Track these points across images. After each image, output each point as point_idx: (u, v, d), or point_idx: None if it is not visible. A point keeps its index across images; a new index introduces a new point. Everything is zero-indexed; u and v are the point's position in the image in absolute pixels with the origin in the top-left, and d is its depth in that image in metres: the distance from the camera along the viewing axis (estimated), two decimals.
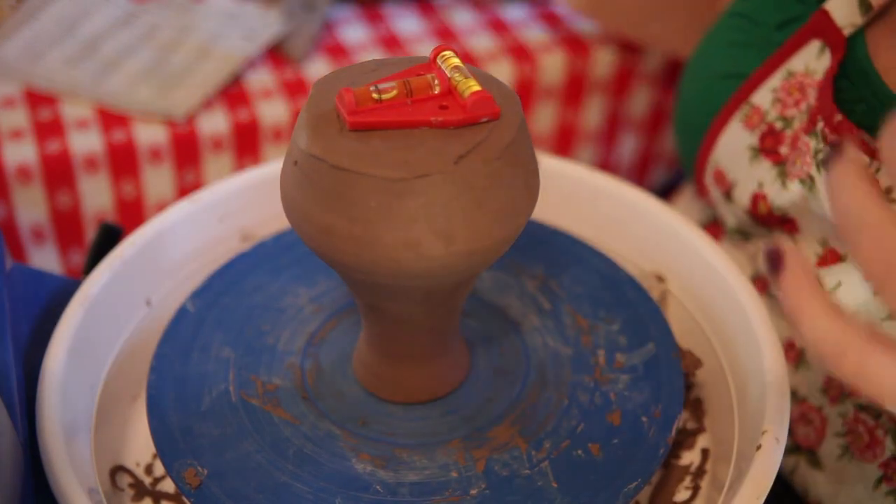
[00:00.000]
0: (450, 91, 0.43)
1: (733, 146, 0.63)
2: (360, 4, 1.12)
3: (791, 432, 0.60)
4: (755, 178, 0.61)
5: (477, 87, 0.42)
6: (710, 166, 0.65)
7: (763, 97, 0.61)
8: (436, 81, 0.43)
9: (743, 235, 0.66)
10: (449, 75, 0.43)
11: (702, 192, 0.69)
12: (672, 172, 1.23)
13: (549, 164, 0.64)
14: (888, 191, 0.52)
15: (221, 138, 0.94)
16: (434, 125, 0.42)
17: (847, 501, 0.58)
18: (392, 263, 0.42)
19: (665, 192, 1.21)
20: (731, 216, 0.65)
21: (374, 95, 0.42)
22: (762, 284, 0.64)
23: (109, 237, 0.61)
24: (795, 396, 0.61)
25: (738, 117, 0.62)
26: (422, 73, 0.44)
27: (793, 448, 0.61)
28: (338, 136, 0.42)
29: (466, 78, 0.43)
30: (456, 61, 0.44)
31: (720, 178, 0.64)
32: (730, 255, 0.62)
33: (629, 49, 1.07)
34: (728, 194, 0.64)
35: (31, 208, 0.91)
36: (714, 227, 0.72)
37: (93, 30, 1.02)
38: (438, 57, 0.44)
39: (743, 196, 0.62)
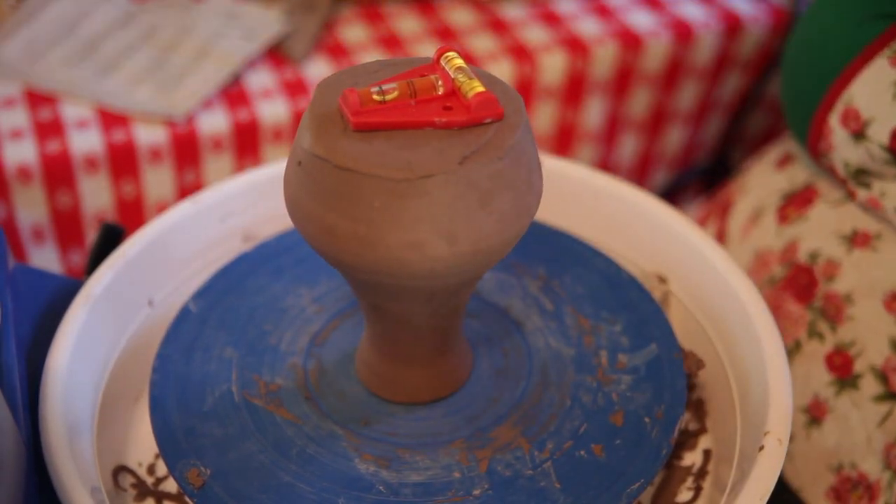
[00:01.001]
0: (453, 92, 0.43)
1: (875, 83, 0.64)
2: (360, 4, 1.12)
3: (885, 380, 0.62)
4: None
5: (481, 88, 0.42)
6: (839, 105, 0.66)
7: None
8: (439, 82, 0.43)
9: (863, 179, 0.66)
10: (453, 76, 0.43)
11: (815, 137, 0.69)
12: (673, 174, 1.23)
13: (551, 165, 0.64)
14: None
15: (221, 138, 0.94)
16: (438, 126, 0.42)
17: None
18: (395, 264, 0.42)
19: (668, 194, 1.21)
20: (862, 155, 0.65)
21: (376, 97, 0.42)
22: (863, 239, 0.65)
23: (111, 237, 0.61)
24: None
25: (885, 55, 0.63)
26: (425, 74, 0.44)
27: (887, 395, 0.62)
28: (342, 137, 0.42)
29: (470, 79, 0.43)
30: (459, 62, 0.44)
31: (852, 116, 0.64)
32: (731, 256, 0.62)
33: (629, 49, 1.07)
34: (860, 132, 0.64)
35: (31, 208, 0.91)
36: (806, 192, 0.72)
37: (93, 30, 1.02)
38: (442, 58, 0.44)
39: (881, 132, 0.63)
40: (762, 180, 0.79)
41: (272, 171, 0.63)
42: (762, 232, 0.73)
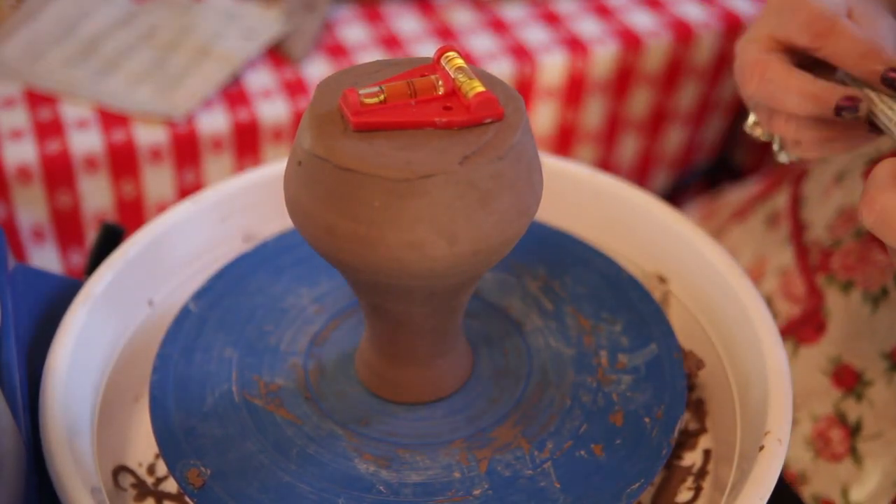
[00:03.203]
0: (454, 92, 0.43)
1: None
2: (360, 4, 1.12)
3: None
4: None
5: (481, 88, 0.42)
6: None
7: None
8: (440, 82, 0.43)
9: None
10: (453, 76, 0.43)
11: None
12: (674, 174, 1.23)
13: (552, 165, 0.64)
14: None
15: (221, 138, 0.94)
16: (438, 126, 0.42)
17: None
18: (395, 263, 0.42)
19: (669, 194, 1.21)
20: None
21: (368, 100, 0.42)
22: None
23: (111, 237, 0.61)
24: None
25: None
26: (426, 74, 0.44)
27: None
28: (342, 137, 0.42)
29: (470, 79, 0.43)
30: (460, 62, 0.44)
31: None
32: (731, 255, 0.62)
33: (629, 49, 1.07)
34: None
35: (31, 208, 0.91)
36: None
37: (93, 30, 1.02)
38: (442, 58, 0.44)
39: None
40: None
41: (272, 171, 0.63)
42: (846, 191, 0.71)
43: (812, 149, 0.55)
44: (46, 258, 0.96)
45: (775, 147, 0.58)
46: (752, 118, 0.59)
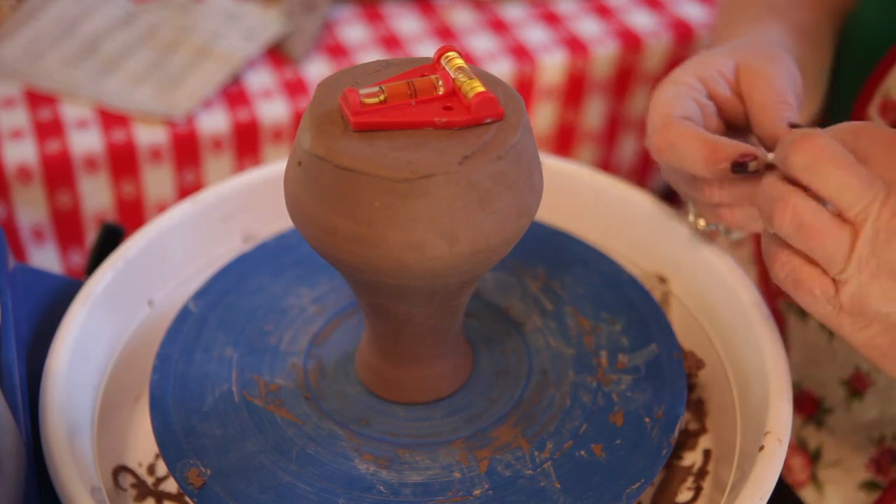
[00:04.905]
0: (454, 92, 0.43)
1: None
2: (360, 4, 1.12)
3: None
4: None
5: (481, 88, 0.42)
6: (877, 97, 0.65)
7: None
8: (440, 82, 0.43)
9: None
10: (453, 76, 0.43)
11: None
12: None
13: (552, 165, 0.64)
14: None
15: (221, 138, 0.94)
16: (438, 126, 0.42)
17: None
18: (396, 264, 0.42)
19: (668, 194, 1.21)
20: None
21: (367, 100, 0.42)
22: None
23: (111, 237, 0.61)
24: None
25: None
26: (426, 74, 0.44)
27: None
28: (342, 137, 0.42)
29: (470, 79, 0.43)
30: (460, 62, 0.44)
31: (891, 107, 0.63)
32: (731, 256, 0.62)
33: (629, 49, 1.07)
34: None
35: (31, 208, 0.91)
36: None
37: (93, 30, 1.02)
38: (443, 58, 0.44)
39: None
40: None
41: (272, 171, 0.63)
42: None
43: (747, 219, 0.52)
44: (46, 258, 0.96)
45: (722, 232, 0.56)
46: (691, 214, 0.57)
